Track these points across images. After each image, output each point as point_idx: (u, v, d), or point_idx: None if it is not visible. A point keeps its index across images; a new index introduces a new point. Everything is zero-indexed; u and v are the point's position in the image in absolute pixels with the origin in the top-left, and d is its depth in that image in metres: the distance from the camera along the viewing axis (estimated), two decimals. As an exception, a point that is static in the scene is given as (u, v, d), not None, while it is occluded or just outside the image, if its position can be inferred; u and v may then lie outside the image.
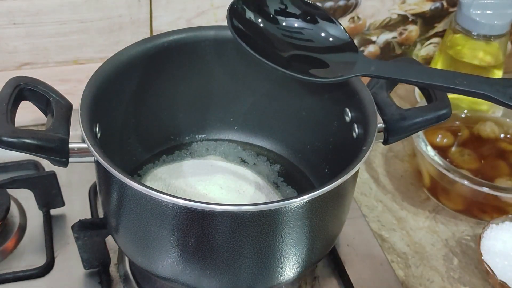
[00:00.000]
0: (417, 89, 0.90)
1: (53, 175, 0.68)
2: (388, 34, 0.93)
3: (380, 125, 0.57)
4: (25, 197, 0.70)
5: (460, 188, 0.73)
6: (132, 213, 0.52)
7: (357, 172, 0.55)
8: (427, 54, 0.97)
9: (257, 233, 0.50)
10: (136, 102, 0.65)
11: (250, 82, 0.69)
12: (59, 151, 0.52)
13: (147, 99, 0.66)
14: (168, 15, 0.80)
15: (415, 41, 0.95)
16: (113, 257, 0.66)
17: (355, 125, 0.59)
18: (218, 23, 0.59)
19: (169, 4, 0.79)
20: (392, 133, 0.57)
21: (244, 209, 0.48)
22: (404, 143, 0.85)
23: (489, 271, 0.65)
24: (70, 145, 0.52)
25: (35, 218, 0.70)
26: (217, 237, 0.50)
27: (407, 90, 0.94)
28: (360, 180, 0.80)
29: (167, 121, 0.70)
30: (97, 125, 0.57)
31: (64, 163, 0.53)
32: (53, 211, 0.70)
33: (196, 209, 0.48)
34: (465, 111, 0.83)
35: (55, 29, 0.77)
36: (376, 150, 0.84)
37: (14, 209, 0.70)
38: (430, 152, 0.74)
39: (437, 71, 0.59)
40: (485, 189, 0.70)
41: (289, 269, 0.54)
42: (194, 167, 0.68)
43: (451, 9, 0.92)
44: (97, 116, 0.56)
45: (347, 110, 0.61)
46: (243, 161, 0.71)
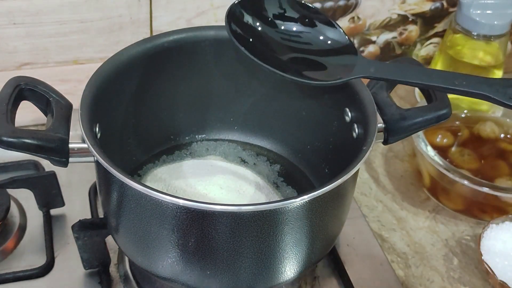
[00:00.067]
0: (417, 89, 0.90)
1: (53, 175, 0.68)
2: (388, 34, 0.93)
3: (380, 125, 0.57)
4: (25, 197, 0.70)
5: (460, 188, 0.73)
6: (132, 213, 0.52)
7: (357, 172, 0.55)
8: (427, 54, 0.97)
9: (257, 233, 0.50)
10: (136, 102, 0.65)
11: (250, 82, 0.69)
12: (59, 151, 0.52)
13: (147, 99, 0.66)
14: (168, 15, 0.80)
15: (415, 41, 0.95)
16: (113, 257, 0.66)
17: (355, 125, 0.59)
18: (218, 23, 0.59)
19: (169, 4, 0.79)
20: (392, 133, 0.57)
21: (244, 209, 0.48)
22: (404, 143, 0.85)
23: (489, 271, 0.65)
24: (70, 145, 0.52)
25: (35, 218, 0.70)
26: (217, 237, 0.50)
27: (407, 90, 0.94)
28: (360, 180, 0.80)
29: (167, 121, 0.70)
30: (97, 125, 0.57)
31: (64, 163, 0.53)
32: (53, 211, 0.70)
33: (196, 209, 0.48)
34: (465, 111, 0.83)
35: (55, 29, 0.77)
36: (376, 150, 0.84)
37: (14, 209, 0.70)
38: (430, 152, 0.74)
39: (437, 72, 0.59)
40: (485, 189, 0.70)
41: (289, 269, 0.54)
42: (194, 167, 0.68)
43: (451, 9, 0.92)
44: (97, 116, 0.56)
45: (347, 110, 0.61)
46: (243, 161, 0.71)
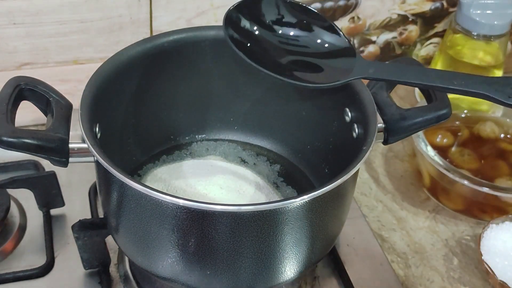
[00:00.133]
0: (417, 89, 0.90)
1: (53, 175, 0.68)
2: (388, 34, 0.93)
3: (380, 125, 0.57)
4: (25, 197, 0.70)
5: (460, 188, 0.73)
6: (132, 213, 0.52)
7: (357, 172, 0.55)
8: (427, 54, 0.97)
9: (257, 233, 0.50)
10: (136, 102, 0.65)
11: (250, 82, 0.69)
12: (59, 151, 0.52)
13: (147, 99, 0.66)
14: (168, 15, 0.80)
15: (415, 41, 0.95)
16: (113, 257, 0.66)
17: (355, 125, 0.59)
18: (218, 23, 0.59)
19: (169, 4, 0.79)
20: (392, 133, 0.57)
21: (244, 209, 0.48)
22: (404, 143, 0.85)
23: (489, 271, 0.65)
24: (70, 145, 0.52)
25: (35, 218, 0.70)
26: (217, 237, 0.50)
27: (407, 90, 0.94)
28: (360, 180, 0.80)
29: (167, 121, 0.70)
30: (97, 125, 0.57)
31: (64, 163, 0.53)
32: (53, 211, 0.70)
33: (196, 209, 0.48)
34: (465, 111, 0.83)
35: (55, 29, 0.77)
36: (376, 150, 0.84)
37: (14, 209, 0.70)
38: (430, 152, 0.74)
39: (435, 72, 0.59)
40: (485, 189, 0.70)
41: (289, 269, 0.54)
42: (194, 167, 0.68)
43: (451, 9, 0.92)
44: (97, 116, 0.56)
45: (347, 110, 0.61)
46: (243, 161, 0.71)
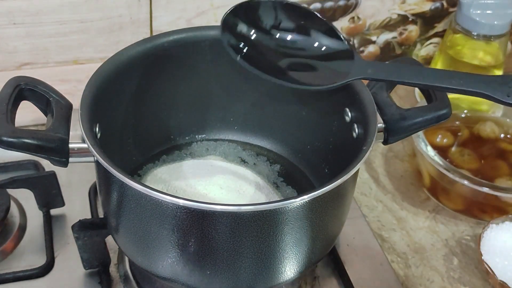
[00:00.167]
0: (417, 89, 0.90)
1: (53, 175, 0.68)
2: (388, 34, 0.93)
3: (380, 125, 0.57)
4: (25, 197, 0.70)
5: (460, 188, 0.73)
6: (132, 213, 0.52)
7: (357, 172, 0.55)
8: (427, 54, 0.97)
9: (257, 233, 0.50)
10: (136, 102, 0.65)
11: (250, 82, 0.69)
12: (59, 151, 0.52)
13: (147, 99, 0.66)
14: (168, 15, 0.80)
15: (415, 41, 0.95)
16: (113, 257, 0.66)
17: (355, 125, 0.59)
18: (218, 23, 0.59)
19: (169, 4, 0.79)
20: (392, 133, 0.57)
21: (244, 209, 0.48)
22: (404, 143, 0.85)
23: (489, 271, 0.65)
24: (70, 145, 0.52)
25: (35, 218, 0.70)
26: (217, 237, 0.50)
27: (407, 90, 0.93)
28: (360, 180, 0.80)
29: (167, 121, 0.70)
30: (97, 125, 0.57)
31: (64, 163, 0.53)
32: (53, 211, 0.70)
33: (196, 209, 0.48)
34: (465, 111, 0.83)
35: (55, 29, 0.77)
36: (376, 150, 0.84)
37: (14, 209, 0.70)
38: (430, 152, 0.74)
39: (434, 72, 0.59)
40: (485, 189, 0.70)
41: (289, 269, 0.54)
42: (194, 167, 0.68)
43: (451, 9, 0.92)
44: (97, 116, 0.56)
45: (347, 110, 0.61)
46: (243, 161, 0.71)
